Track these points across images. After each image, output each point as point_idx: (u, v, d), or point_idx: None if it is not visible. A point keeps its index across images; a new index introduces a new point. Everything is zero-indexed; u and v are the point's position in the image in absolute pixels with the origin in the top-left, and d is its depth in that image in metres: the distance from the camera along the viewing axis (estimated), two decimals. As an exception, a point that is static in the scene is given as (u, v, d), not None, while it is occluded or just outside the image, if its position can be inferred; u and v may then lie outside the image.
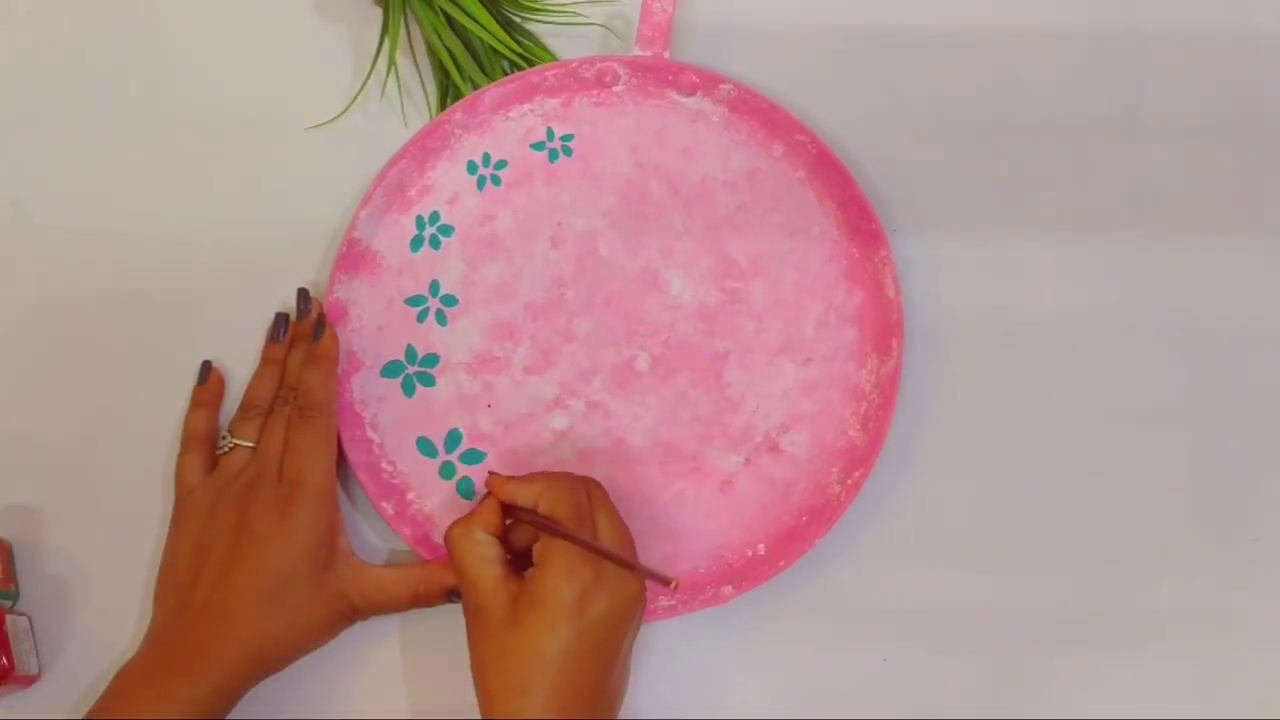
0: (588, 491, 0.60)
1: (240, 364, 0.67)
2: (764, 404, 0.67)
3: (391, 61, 0.70)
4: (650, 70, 0.69)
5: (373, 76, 0.70)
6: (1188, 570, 0.67)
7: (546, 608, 0.56)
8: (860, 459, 0.65)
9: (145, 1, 0.72)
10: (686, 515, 0.65)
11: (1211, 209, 0.71)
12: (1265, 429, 0.69)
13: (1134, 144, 0.71)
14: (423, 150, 0.68)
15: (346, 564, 0.61)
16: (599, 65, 0.69)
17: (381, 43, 0.69)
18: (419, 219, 0.68)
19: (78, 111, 0.71)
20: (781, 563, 0.64)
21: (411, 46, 0.71)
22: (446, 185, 0.69)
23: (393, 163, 0.67)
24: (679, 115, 0.70)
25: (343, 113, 0.70)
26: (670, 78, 0.69)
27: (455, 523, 0.60)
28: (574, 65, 0.69)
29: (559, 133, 0.70)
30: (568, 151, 0.70)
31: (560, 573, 0.56)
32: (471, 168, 0.69)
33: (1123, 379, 0.69)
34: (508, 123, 0.70)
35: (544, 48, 0.71)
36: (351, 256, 0.67)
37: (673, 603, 0.63)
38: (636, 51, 0.69)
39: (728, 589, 0.64)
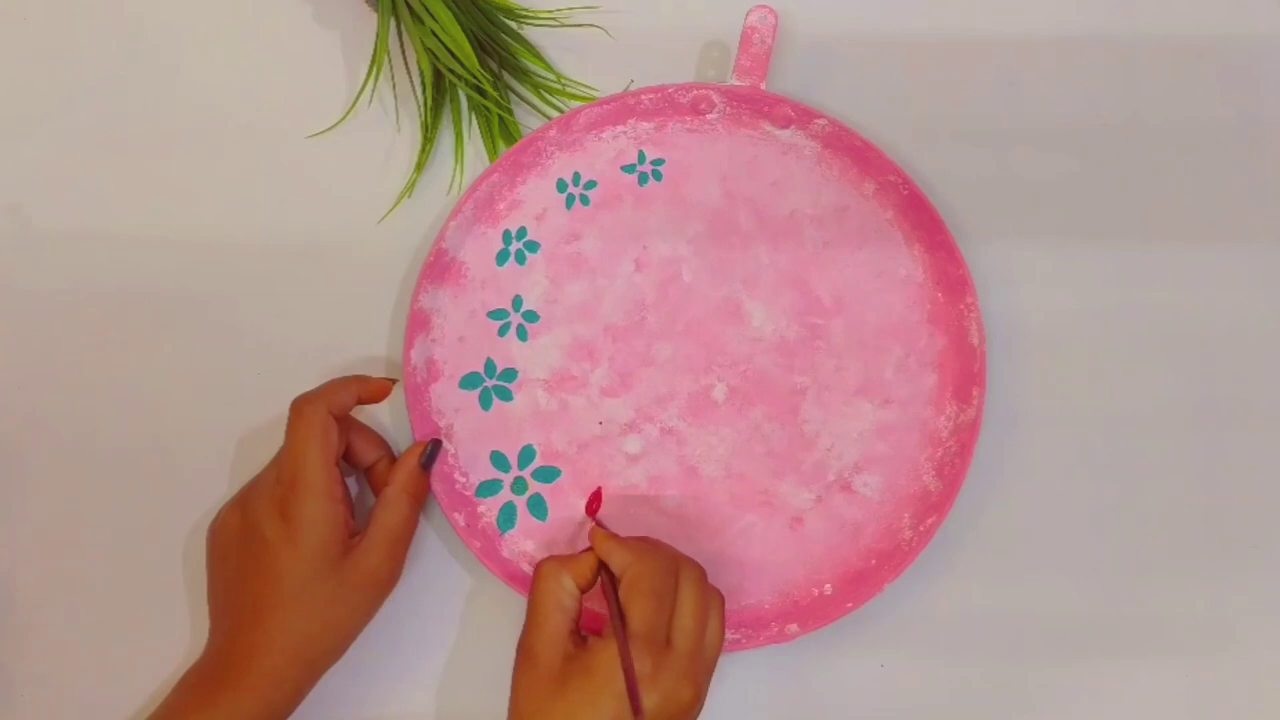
0: (681, 576, 0.57)
1: (240, 367, 0.68)
2: (839, 443, 0.66)
3: (377, 69, 0.70)
4: (746, 101, 0.69)
5: (368, 84, 0.70)
6: (1187, 576, 0.67)
7: (596, 682, 0.54)
8: (934, 506, 0.65)
9: (144, 6, 0.73)
10: (755, 549, 0.65)
11: (1213, 211, 0.71)
12: (1266, 435, 0.68)
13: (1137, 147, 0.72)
14: (515, 165, 0.68)
15: (357, 549, 0.59)
16: (695, 92, 0.69)
17: (376, 54, 0.70)
18: (506, 233, 0.69)
19: (75, 118, 0.71)
20: (849, 604, 0.63)
21: (404, 54, 0.71)
22: (535, 201, 0.69)
23: (485, 176, 0.68)
24: (771, 147, 0.70)
25: (341, 120, 0.70)
26: (765, 109, 0.69)
27: (551, 558, 0.59)
28: (670, 90, 0.69)
29: (650, 156, 0.70)
30: (658, 176, 0.70)
31: (616, 656, 0.54)
32: (561, 185, 0.69)
33: (1122, 385, 0.69)
34: (600, 143, 0.70)
35: (539, 56, 0.71)
36: (438, 266, 0.67)
37: (737, 636, 0.63)
38: (733, 81, 0.69)
39: (793, 627, 0.63)
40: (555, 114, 0.71)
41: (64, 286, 0.69)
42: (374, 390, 0.63)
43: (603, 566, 0.59)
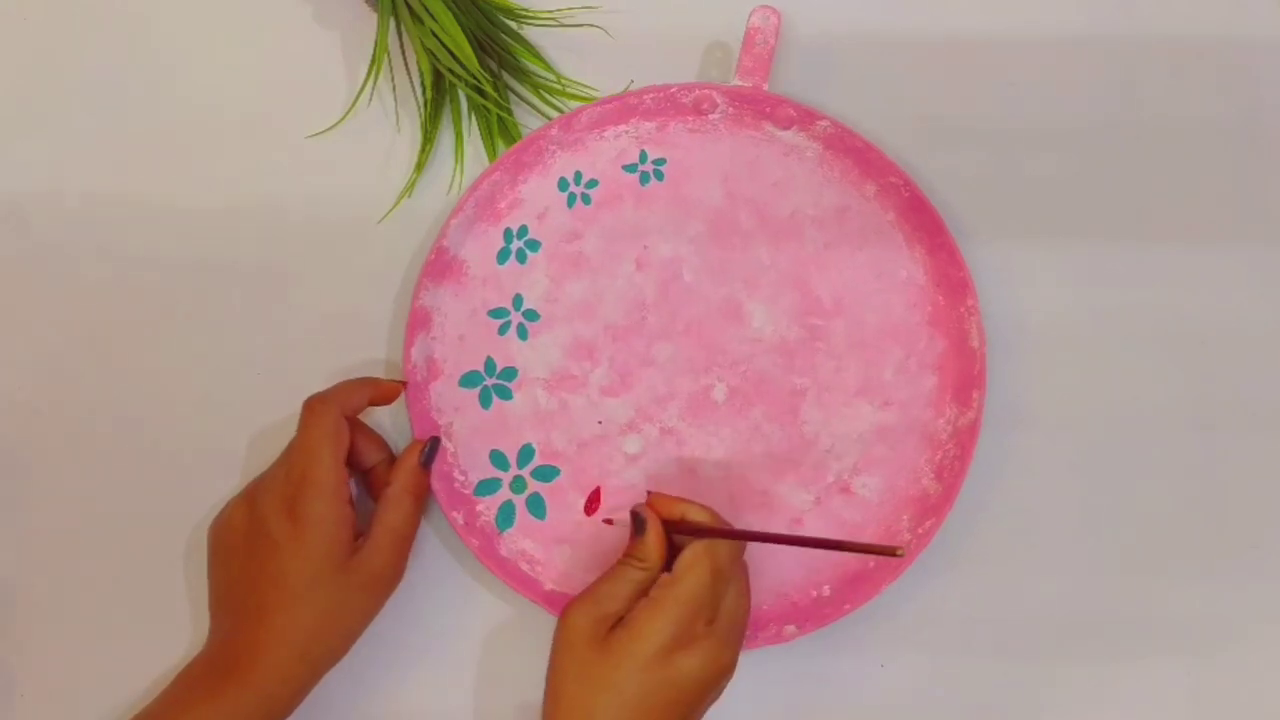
0: (739, 566, 0.60)
1: (240, 367, 0.68)
2: (838, 444, 0.66)
3: (377, 69, 0.70)
4: (748, 101, 0.69)
5: (368, 84, 0.70)
6: (1187, 576, 0.67)
7: (640, 645, 0.55)
8: (933, 508, 0.65)
9: (144, 6, 0.73)
10: (753, 549, 0.64)
11: (1213, 211, 0.71)
12: (1266, 434, 0.68)
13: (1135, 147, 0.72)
14: (516, 164, 0.68)
15: (361, 549, 0.59)
16: (697, 92, 0.69)
17: (376, 54, 0.70)
18: (507, 232, 0.69)
19: (75, 118, 0.71)
20: (847, 606, 0.63)
21: (404, 54, 0.71)
22: (537, 200, 0.69)
23: (486, 174, 0.68)
24: (773, 148, 0.70)
25: (341, 120, 0.70)
26: (768, 110, 0.69)
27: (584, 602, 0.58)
28: (672, 90, 0.69)
29: (652, 156, 0.70)
30: (659, 175, 0.70)
31: (666, 616, 0.56)
32: (563, 184, 0.69)
33: (1122, 385, 0.69)
34: (602, 142, 0.70)
35: (538, 56, 0.71)
36: (439, 264, 0.67)
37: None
38: (736, 82, 0.69)
39: (791, 628, 0.63)
40: (555, 114, 0.71)
41: (64, 287, 0.69)
42: (385, 392, 0.63)
43: (675, 524, 0.59)
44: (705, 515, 0.59)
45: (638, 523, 0.59)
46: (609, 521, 0.65)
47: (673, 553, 0.59)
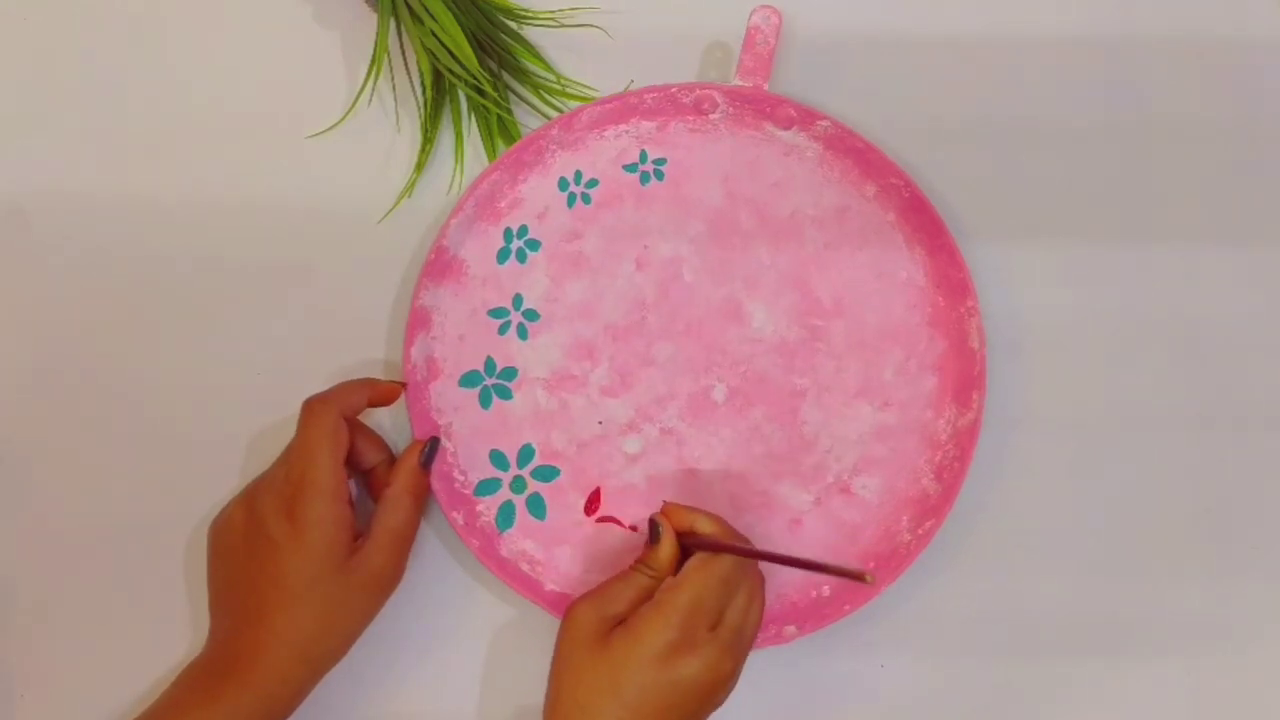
0: (747, 572, 0.60)
1: (240, 367, 0.68)
2: (838, 445, 0.66)
3: (377, 69, 0.70)
4: (749, 101, 0.69)
5: (368, 84, 0.70)
6: (1187, 576, 0.67)
7: (639, 645, 0.56)
8: (932, 509, 0.65)
9: (144, 7, 0.73)
10: (753, 549, 0.65)
11: (1213, 211, 0.71)
12: (1266, 435, 0.68)
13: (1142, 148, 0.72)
14: (516, 163, 0.68)
15: (361, 550, 0.59)
16: (698, 92, 0.69)
17: (376, 54, 0.70)
18: (507, 231, 0.69)
19: (75, 118, 0.71)
20: (847, 607, 0.63)
21: (404, 54, 0.71)
22: (537, 199, 0.69)
23: (486, 174, 0.68)
24: (773, 148, 0.70)
25: (341, 120, 0.70)
26: (768, 110, 0.69)
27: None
28: (673, 90, 0.69)
29: (652, 155, 0.70)
30: (659, 175, 0.70)
31: (667, 619, 0.56)
32: (563, 184, 0.69)
33: (1122, 385, 0.69)
34: (602, 142, 0.70)
35: (538, 56, 0.71)
36: (439, 264, 0.67)
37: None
38: (736, 81, 0.69)
39: (791, 628, 0.63)
40: (555, 114, 0.71)
41: (64, 288, 0.69)
42: (385, 393, 0.63)
43: (687, 535, 0.60)
44: (713, 526, 0.60)
45: (653, 532, 0.60)
46: (633, 528, 0.65)
47: (684, 562, 0.59)
